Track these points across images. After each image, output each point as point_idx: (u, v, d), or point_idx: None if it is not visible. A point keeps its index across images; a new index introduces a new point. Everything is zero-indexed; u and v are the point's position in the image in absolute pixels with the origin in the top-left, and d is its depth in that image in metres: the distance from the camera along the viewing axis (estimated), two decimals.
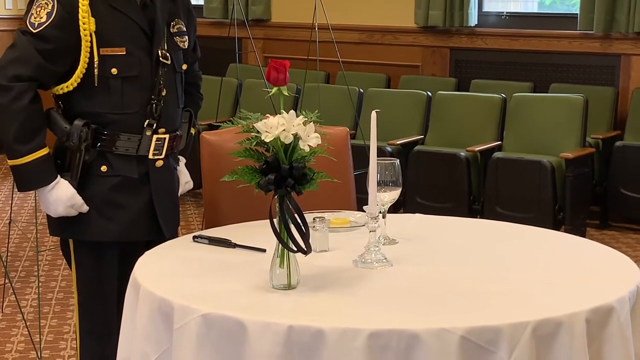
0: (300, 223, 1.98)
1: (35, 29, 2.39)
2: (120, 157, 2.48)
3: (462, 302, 1.94)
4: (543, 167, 5.22)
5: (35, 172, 2.41)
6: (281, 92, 2.02)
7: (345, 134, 2.97)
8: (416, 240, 2.42)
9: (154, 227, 2.54)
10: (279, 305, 1.93)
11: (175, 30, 2.58)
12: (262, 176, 1.96)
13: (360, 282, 2.07)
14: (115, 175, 2.48)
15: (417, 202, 5.53)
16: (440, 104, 5.92)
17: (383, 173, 2.24)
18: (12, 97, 2.36)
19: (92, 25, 2.40)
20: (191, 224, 5.79)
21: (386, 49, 6.84)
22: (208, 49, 7.35)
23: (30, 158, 2.40)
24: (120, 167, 2.48)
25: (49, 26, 2.39)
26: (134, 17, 2.47)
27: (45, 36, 2.39)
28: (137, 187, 2.51)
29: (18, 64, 2.37)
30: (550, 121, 5.52)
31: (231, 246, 2.33)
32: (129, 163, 2.49)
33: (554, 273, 2.14)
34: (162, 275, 2.13)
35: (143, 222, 2.52)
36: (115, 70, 2.43)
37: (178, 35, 2.59)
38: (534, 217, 5.09)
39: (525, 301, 1.94)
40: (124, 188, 2.49)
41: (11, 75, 2.37)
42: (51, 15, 2.39)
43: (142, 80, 2.48)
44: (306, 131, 1.94)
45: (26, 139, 2.39)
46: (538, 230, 2.55)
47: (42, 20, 2.39)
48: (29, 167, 2.40)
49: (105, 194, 2.48)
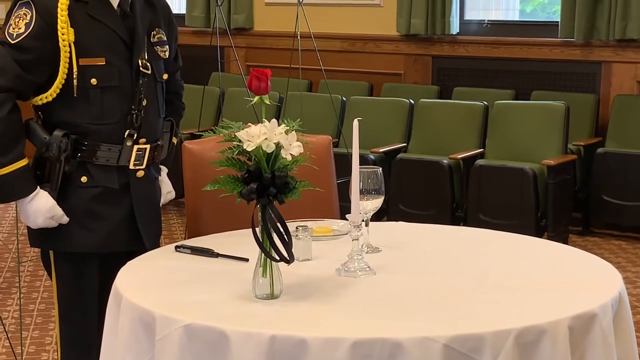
0: (283, 232, 1.98)
1: (13, 40, 2.37)
2: (100, 168, 2.46)
3: (445, 310, 1.94)
4: (525, 174, 5.24)
5: (15, 184, 2.39)
6: (263, 100, 2.02)
7: (327, 142, 2.97)
8: (399, 249, 2.41)
9: (135, 237, 2.52)
10: (261, 315, 1.93)
11: (155, 39, 2.57)
12: (244, 185, 1.95)
13: (343, 291, 2.06)
14: (96, 186, 2.47)
15: (400, 210, 5.53)
16: (422, 112, 5.94)
17: (366, 181, 2.24)
18: None
19: (71, 36, 2.38)
20: (174, 234, 5.77)
21: (368, 57, 6.86)
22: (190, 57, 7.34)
23: (9, 169, 2.38)
24: (100, 177, 2.46)
25: (28, 37, 2.37)
26: (114, 27, 2.46)
27: (24, 47, 2.37)
28: (118, 197, 2.50)
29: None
30: (532, 128, 5.54)
31: (214, 256, 2.33)
32: (110, 173, 2.47)
33: (536, 280, 2.15)
34: (144, 286, 2.12)
35: (124, 233, 2.51)
36: (95, 81, 2.42)
37: (159, 45, 2.58)
38: (517, 224, 5.10)
39: (508, 309, 1.94)
40: (105, 199, 2.48)
41: None
42: (30, 25, 2.37)
43: (122, 90, 2.46)
44: (288, 140, 1.94)
45: (5, 149, 2.37)
46: (521, 238, 2.55)
47: (20, 31, 2.37)
48: (9, 178, 2.38)
49: (86, 204, 2.46)
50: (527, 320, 1.84)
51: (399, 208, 5.55)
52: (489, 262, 2.31)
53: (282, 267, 2.01)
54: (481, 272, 2.22)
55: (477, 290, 2.07)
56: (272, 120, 1.94)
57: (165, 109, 2.64)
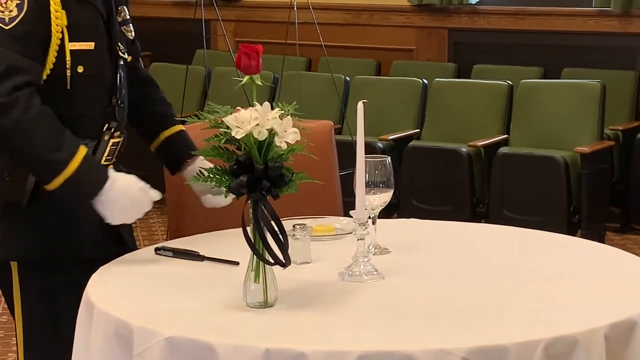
0: (278, 231, 1.98)
1: (7, 25, 2.32)
2: None
3: (464, 318, 1.94)
4: (555, 163, 5.25)
5: (90, 175, 2.34)
6: (253, 81, 2.02)
7: (328, 128, 2.98)
8: (411, 249, 2.42)
9: (114, 241, 2.52)
10: (254, 326, 1.93)
11: (121, 18, 2.55)
12: (233, 178, 1.95)
13: (348, 298, 2.07)
14: None
15: (412, 205, 5.54)
16: (437, 93, 5.94)
17: (372, 173, 2.24)
18: (21, 110, 2.29)
19: (63, 19, 2.36)
20: (154, 234, 5.77)
21: (375, 31, 6.86)
22: (171, 33, 7.38)
23: (76, 162, 2.31)
24: None
25: (23, 20, 2.32)
26: (99, 7, 2.45)
27: (21, 33, 2.32)
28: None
29: (10, 75, 2.30)
30: (563, 111, 5.55)
31: (199, 259, 2.33)
32: None
33: (568, 284, 2.15)
34: (119, 294, 2.12)
35: (102, 236, 2.50)
36: (82, 68, 2.41)
37: (125, 24, 2.57)
38: (546, 220, 5.11)
39: (536, 317, 1.95)
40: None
41: (9, 88, 2.29)
42: (22, 7, 2.32)
43: (104, 79, 2.46)
44: (283, 126, 1.94)
45: (58, 143, 2.32)
46: (550, 236, 2.56)
47: (13, 14, 2.32)
48: (81, 171, 2.32)
49: (57, 206, 2.45)
50: (558, 329, 1.84)
51: (411, 203, 5.55)
52: (514, 264, 2.31)
53: (276, 271, 2.01)
54: (505, 275, 2.22)
55: (500, 296, 2.08)
56: (264, 104, 1.94)
57: (147, 104, 2.62)
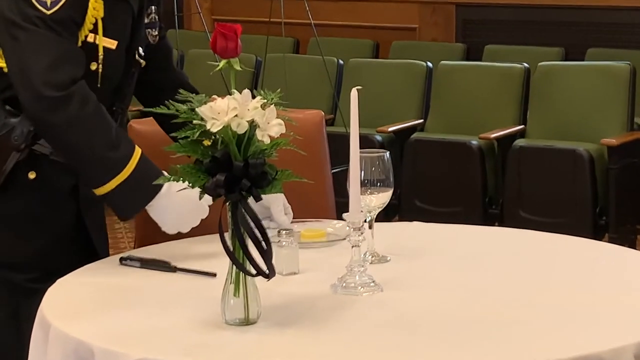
0: (261, 238, 1.97)
1: (49, 9, 2.35)
2: (53, 164, 2.49)
3: (474, 337, 1.94)
4: (579, 157, 5.26)
5: (147, 177, 2.37)
6: (232, 65, 2.01)
7: (319, 119, 2.98)
8: (414, 257, 2.42)
9: (82, 247, 2.57)
10: (233, 347, 1.92)
11: (148, 20, 2.61)
12: (208, 177, 1.95)
13: (341, 314, 2.07)
14: (44, 185, 2.50)
15: (415, 206, 5.55)
16: (444, 78, 5.94)
17: (369, 170, 2.24)
18: (78, 103, 2.35)
19: (100, 10, 2.42)
20: (119, 242, 5.78)
21: (372, 8, 6.86)
22: None
23: (134, 162, 2.38)
24: (51, 176, 2.50)
25: (64, 6, 2.36)
26: (132, 4, 2.50)
27: (62, 18, 2.36)
28: (65, 200, 2.54)
29: (63, 65, 2.36)
30: (588, 98, 5.56)
31: (171, 270, 2.33)
32: (62, 172, 2.50)
33: (593, 296, 2.15)
34: (80, 310, 2.12)
35: (72, 245, 2.56)
36: (95, 66, 2.46)
37: (151, 27, 2.62)
38: (569, 222, 5.12)
39: (557, 334, 1.95)
40: (50, 201, 2.52)
41: (65, 80, 2.34)
42: None
43: (112, 81, 2.52)
44: (266, 117, 1.94)
45: (116, 141, 2.39)
46: (573, 240, 2.56)
47: None
48: (138, 173, 2.38)
49: (27, 206, 2.49)
50: (581, 348, 1.84)
51: (413, 204, 5.56)
52: (532, 274, 2.31)
53: (259, 283, 2.01)
54: (521, 286, 2.22)
55: (516, 310, 2.07)
56: (244, 91, 1.94)
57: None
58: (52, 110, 2.34)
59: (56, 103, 2.33)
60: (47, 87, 2.33)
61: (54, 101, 2.33)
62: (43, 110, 2.34)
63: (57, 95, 2.33)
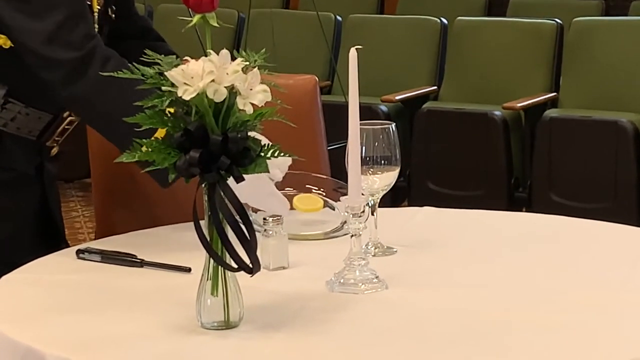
0: (243, 226, 1.97)
1: None
2: (14, 140, 2.55)
3: (490, 341, 1.95)
4: (621, 130, 5.27)
5: None
6: (207, 21, 2.01)
7: (312, 86, 2.99)
8: (425, 249, 2.43)
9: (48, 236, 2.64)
10: (211, 354, 1.93)
11: None
12: (180, 154, 1.95)
13: (338, 315, 2.07)
14: (4, 166, 2.56)
15: (427, 188, 5.57)
16: (461, 37, 5.95)
17: (371, 145, 2.25)
18: (100, 61, 2.43)
19: None
20: (78, 232, 5.81)
21: None
22: None
23: None
24: (12, 154, 2.55)
25: None
26: None
27: None
28: (29, 184, 2.60)
29: (78, 22, 2.45)
30: (631, 59, 5.56)
31: (137, 264, 2.34)
32: (24, 150, 2.57)
33: (633, 296, 2.15)
34: (28, 313, 2.12)
35: (34, 232, 2.62)
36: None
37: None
38: (609, 207, 5.14)
39: (589, 337, 1.95)
40: (12, 184, 2.58)
41: (80, 37, 2.44)
42: None
43: None
44: (248, 82, 1.94)
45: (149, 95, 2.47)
46: (614, 228, 2.57)
47: None
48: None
49: None
50: (617, 354, 1.85)
51: (425, 186, 5.58)
52: (566, 268, 2.32)
53: (241, 280, 2.01)
54: (554, 283, 2.23)
55: (539, 311, 2.08)
56: (222, 52, 1.94)
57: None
58: (76, 74, 2.41)
59: (75, 65, 2.41)
60: (64, 49, 2.42)
61: (73, 64, 2.41)
62: (67, 75, 2.42)
63: (75, 56, 2.42)
